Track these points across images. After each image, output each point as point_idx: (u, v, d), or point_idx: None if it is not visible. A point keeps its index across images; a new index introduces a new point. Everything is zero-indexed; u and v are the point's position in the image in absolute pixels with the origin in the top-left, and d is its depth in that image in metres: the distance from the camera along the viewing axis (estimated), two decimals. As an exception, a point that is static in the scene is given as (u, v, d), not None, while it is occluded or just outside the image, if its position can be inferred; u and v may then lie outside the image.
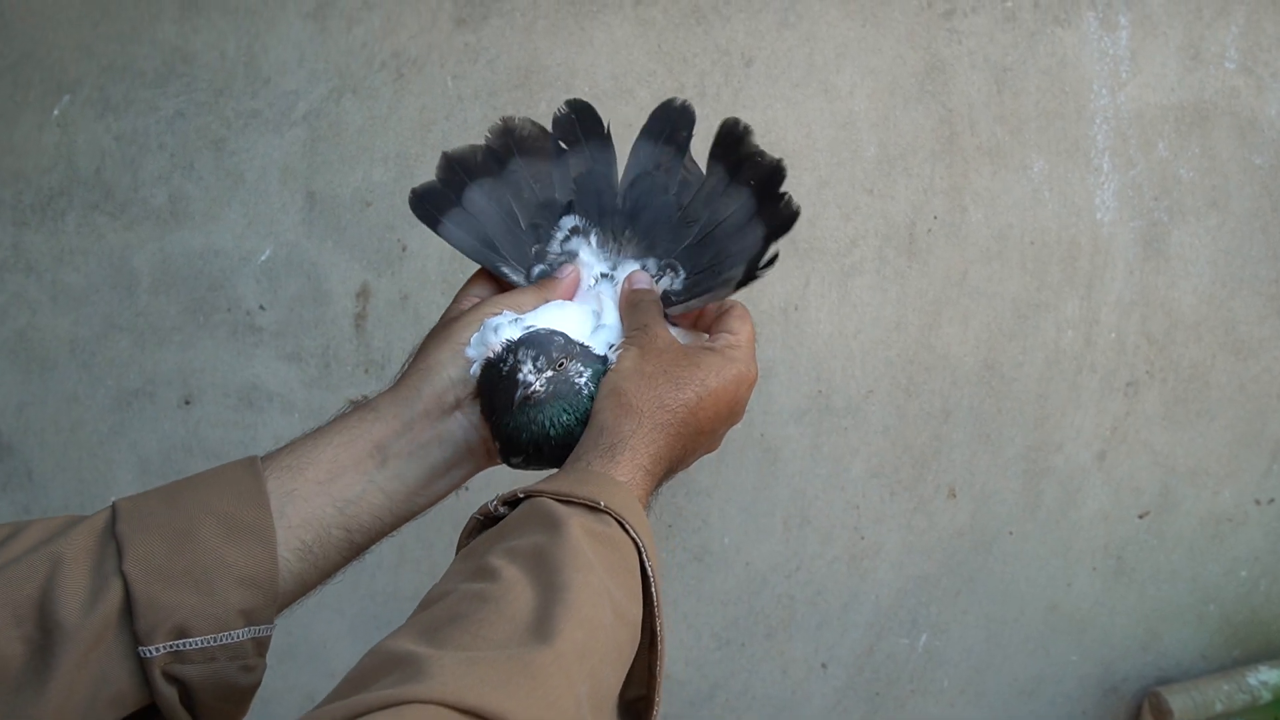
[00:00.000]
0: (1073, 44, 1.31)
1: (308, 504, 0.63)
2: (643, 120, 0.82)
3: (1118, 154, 1.34)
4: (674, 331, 0.73)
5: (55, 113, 1.27)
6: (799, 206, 0.74)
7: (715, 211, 0.77)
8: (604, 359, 0.70)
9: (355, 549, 0.66)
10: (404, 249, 1.30)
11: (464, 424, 0.69)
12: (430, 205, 0.78)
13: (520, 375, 0.66)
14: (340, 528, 0.65)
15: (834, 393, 1.36)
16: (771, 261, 0.73)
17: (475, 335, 0.70)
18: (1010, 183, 1.33)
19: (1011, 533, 1.43)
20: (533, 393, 0.66)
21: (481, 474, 0.73)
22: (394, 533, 0.70)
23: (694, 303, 0.75)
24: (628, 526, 0.59)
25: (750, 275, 0.72)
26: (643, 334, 0.70)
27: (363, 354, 1.33)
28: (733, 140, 0.77)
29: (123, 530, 0.58)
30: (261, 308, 1.31)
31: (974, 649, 1.47)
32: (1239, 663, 1.49)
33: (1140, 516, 1.45)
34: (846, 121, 1.31)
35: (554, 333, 0.69)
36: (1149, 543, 1.46)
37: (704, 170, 0.79)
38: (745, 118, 0.79)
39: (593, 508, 0.58)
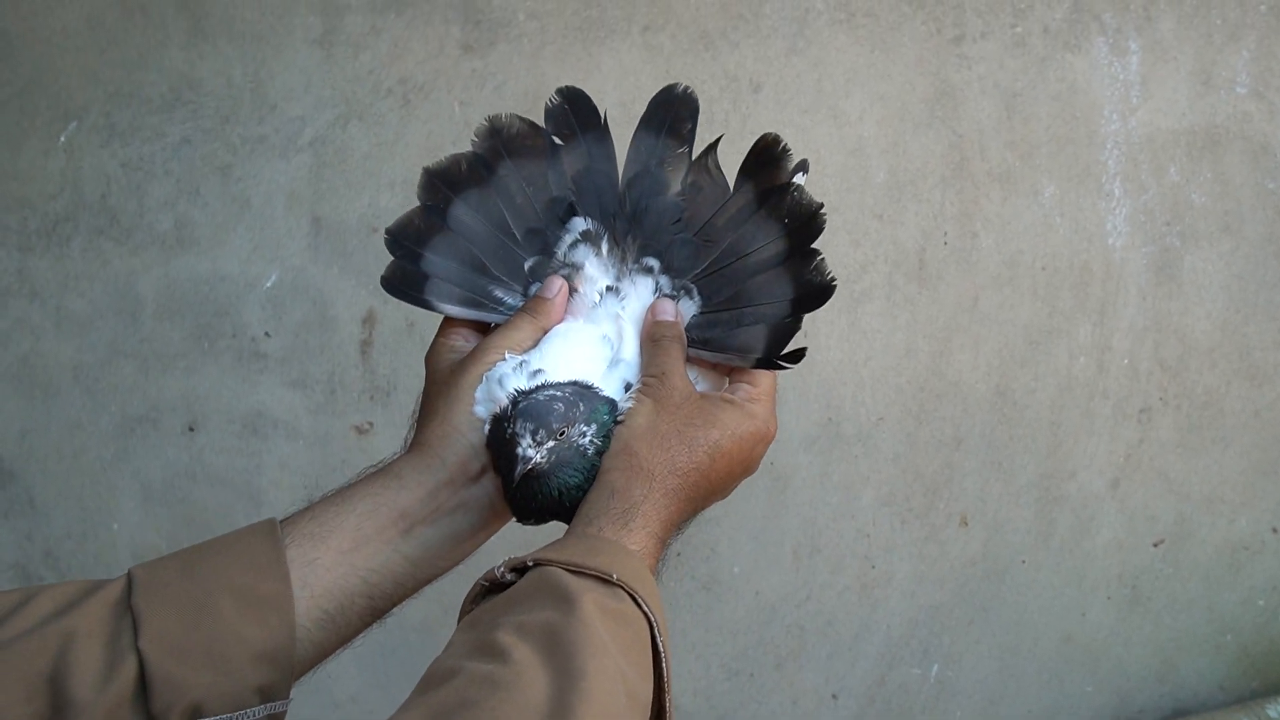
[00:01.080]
0: (1083, 69, 1.31)
1: (330, 574, 0.61)
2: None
3: (1129, 179, 1.33)
4: (691, 374, 0.69)
5: (61, 139, 1.26)
6: (834, 280, 0.68)
7: (741, 240, 0.70)
8: (613, 405, 0.66)
9: (377, 614, 0.65)
10: (410, 275, 1.29)
11: (489, 489, 0.67)
12: (405, 286, 0.72)
13: (519, 450, 0.62)
14: (363, 596, 0.63)
15: (844, 420, 1.35)
16: (797, 356, 0.67)
17: (480, 390, 0.66)
18: (1021, 208, 1.33)
19: (1024, 561, 1.41)
20: (534, 466, 0.63)
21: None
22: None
23: (707, 355, 0.70)
24: (640, 601, 0.56)
25: (770, 361, 0.67)
26: (660, 385, 0.67)
27: (368, 380, 1.32)
28: (769, 159, 0.71)
29: (138, 604, 0.56)
30: (267, 334, 1.30)
31: (987, 680, 1.45)
32: (1257, 694, 1.47)
33: (1155, 545, 1.43)
34: (856, 147, 1.30)
35: (554, 399, 0.64)
36: (1164, 571, 1.44)
37: (729, 183, 0.72)
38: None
39: (605, 580, 0.56)
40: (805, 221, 0.70)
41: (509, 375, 0.66)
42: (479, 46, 1.27)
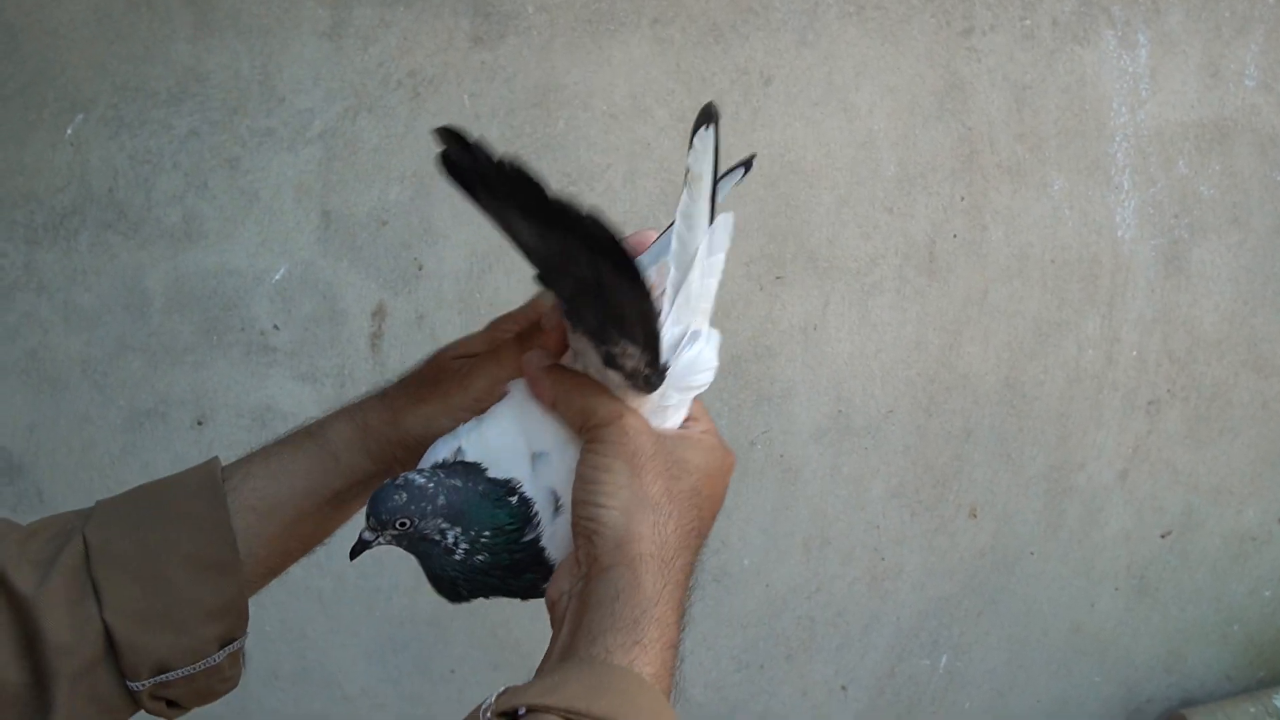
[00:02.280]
0: (1092, 62, 1.31)
1: (274, 543, 0.65)
2: (660, 140, 0.75)
3: (1138, 171, 1.33)
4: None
5: (69, 132, 1.25)
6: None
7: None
8: (522, 513, 0.57)
9: (311, 549, 0.69)
10: (420, 268, 1.29)
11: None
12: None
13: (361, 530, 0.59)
14: (301, 551, 0.67)
15: (854, 412, 1.35)
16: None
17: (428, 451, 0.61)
18: (1030, 201, 1.33)
19: (1033, 553, 1.42)
20: (360, 545, 0.58)
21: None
22: (408, 556, 0.69)
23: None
24: None
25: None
26: (621, 436, 0.56)
27: (378, 374, 1.31)
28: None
29: (98, 575, 0.60)
30: (275, 327, 1.30)
31: (996, 670, 1.46)
32: (1264, 684, 1.47)
33: (1163, 536, 1.44)
34: (866, 140, 1.30)
35: (428, 490, 0.57)
36: (1172, 562, 1.45)
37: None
38: (764, 137, 0.71)
39: None
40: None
41: (442, 444, 0.60)
42: (488, 39, 1.26)
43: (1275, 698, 1.42)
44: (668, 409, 0.59)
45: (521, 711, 0.48)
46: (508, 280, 1.29)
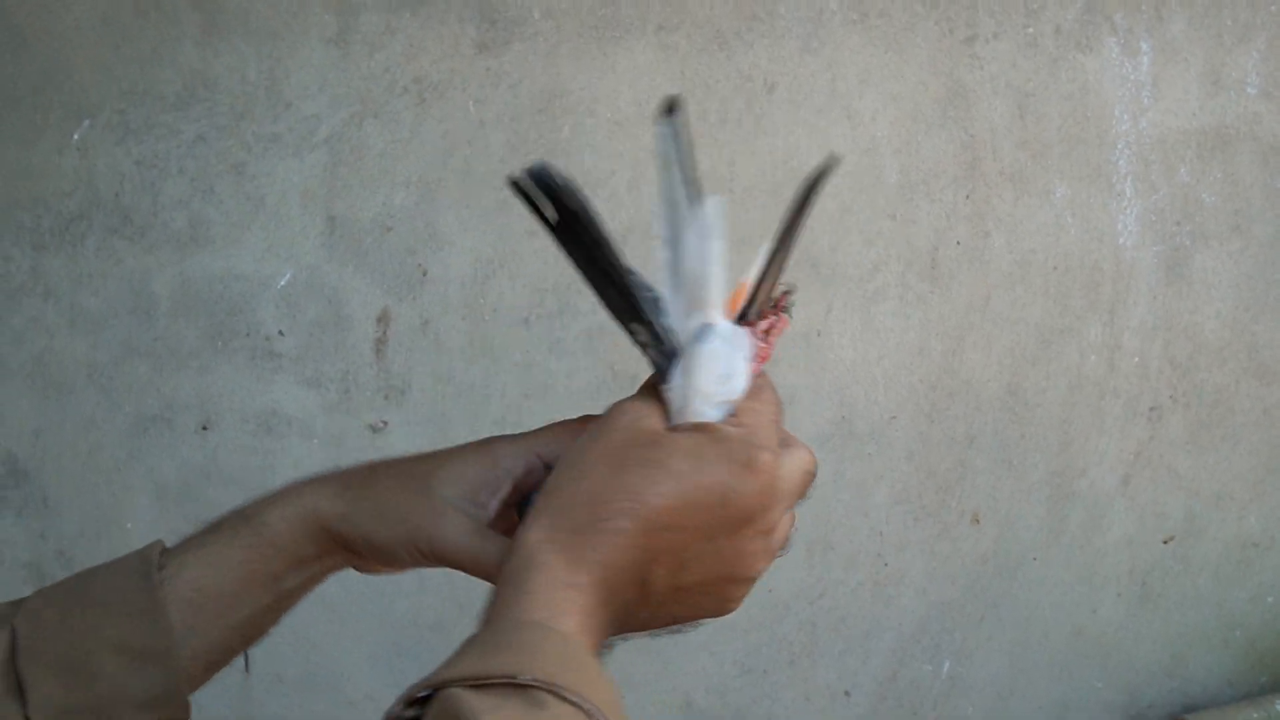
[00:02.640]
0: (1094, 70, 1.31)
1: (209, 635, 0.60)
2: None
3: (1140, 179, 1.34)
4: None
5: (75, 136, 1.26)
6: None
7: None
8: None
9: (251, 644, 0.64)
10: (424, 274, 1.30)
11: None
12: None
13: None
14: (241, 642, 0.62)
15: (857, 418, 1.35)
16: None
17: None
18: (1033, 208, 1.33)
19: (1035, 558, 1.42)
20: None
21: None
22: None
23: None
24: (567, 695, 0.44)
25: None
26: (604, 416, 0.53)
27: (383, 379, 1.32)
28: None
29: (23, 670, 0.56)
30: (281, 333, 1.30)
31: (998, 676, 1.46)
32: (1266, 689, 1.48)
33: (1165, 542, 1.44)
34: (869, 147, 1.31)
35: None
36: (1174, 568, 1.45)
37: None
38: (767, 144, 0.72)
39: (516, 685, 0.43)
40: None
41: None
42: (494, 45, 1.27)
43: (1278, 703, 1.42)
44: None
45: (424, 693, 0.45)
46: (512, 286, 1.30)
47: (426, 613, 1.36)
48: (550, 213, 0.52)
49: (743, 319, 0.56)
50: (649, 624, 0.52)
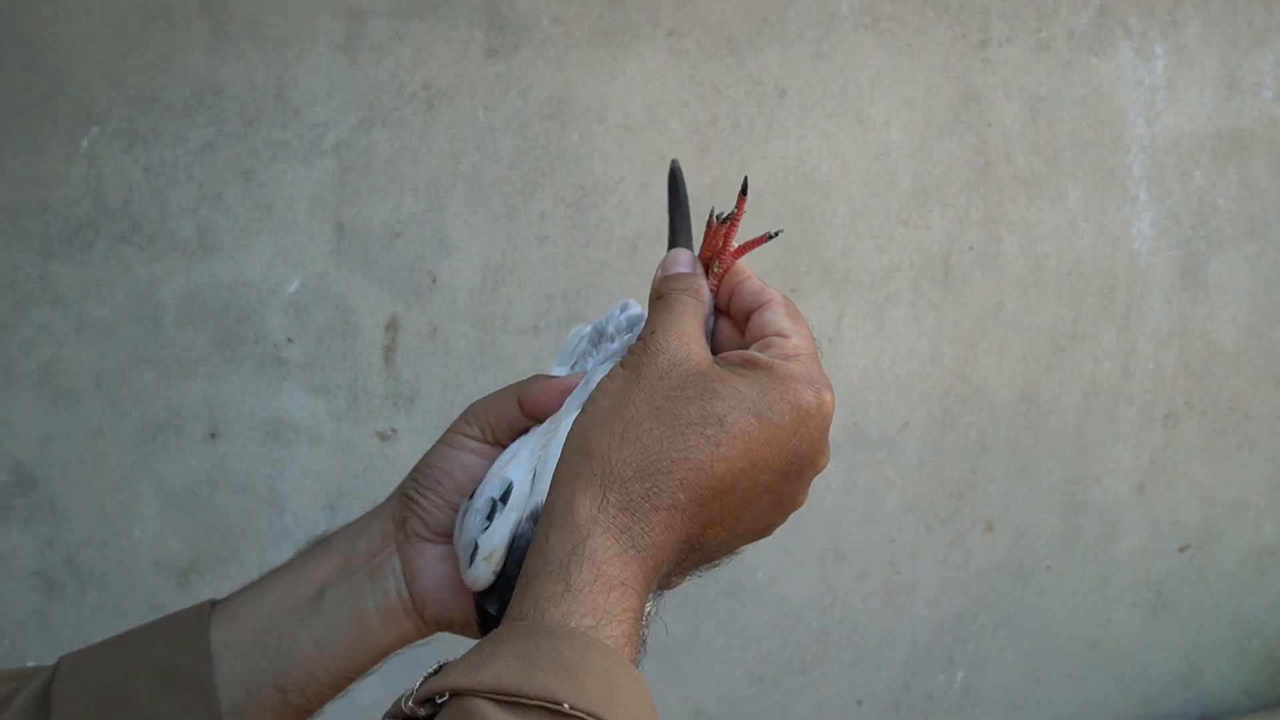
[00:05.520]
0: (1108, 73, 1.30)
1: (244, 657, 0.55)
2: (675, 151, 0.78)
3: (1154, 183, 1.33)
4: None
5: (83, 144, 1.26)
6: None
7: None
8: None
9: (291, 713, 0.57)
10: (434, 280, 1.29)
11: (396, 569, 0.58)
12: None
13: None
14: (273, 686, 0.55)
15: (869, 425, 1.34)
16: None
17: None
18: (1046, 213, 1.32)
19: (1049, 567, 1.41)
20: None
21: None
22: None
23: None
24: None
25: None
26: (641, 349, 0.47)
27: (391, 387, 1.31)
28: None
29: (55, 692, 0.53)
30: (289, 340, 1.30)
31: (1012, 686, 1.45)
32: (1283, 700, 1.46)
33: (1180, 550, 1.43)
34: (881, 152, 1.30)
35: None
36: (1190, 577, 1.44)
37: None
38: (779, 149, 0.75)
39: (553, 711, 0.39)
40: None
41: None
42: (503, 51, 1.26)
43: (1295, 714, 1.41)
44: None
45: (442, 698, 0.40)
46: (521, 293, 1.29)
47: (435, 622, 1.36)
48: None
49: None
50: (687, 574, 0.49)
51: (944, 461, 1.36)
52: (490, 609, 0.56)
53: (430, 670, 0.43)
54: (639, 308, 0.62)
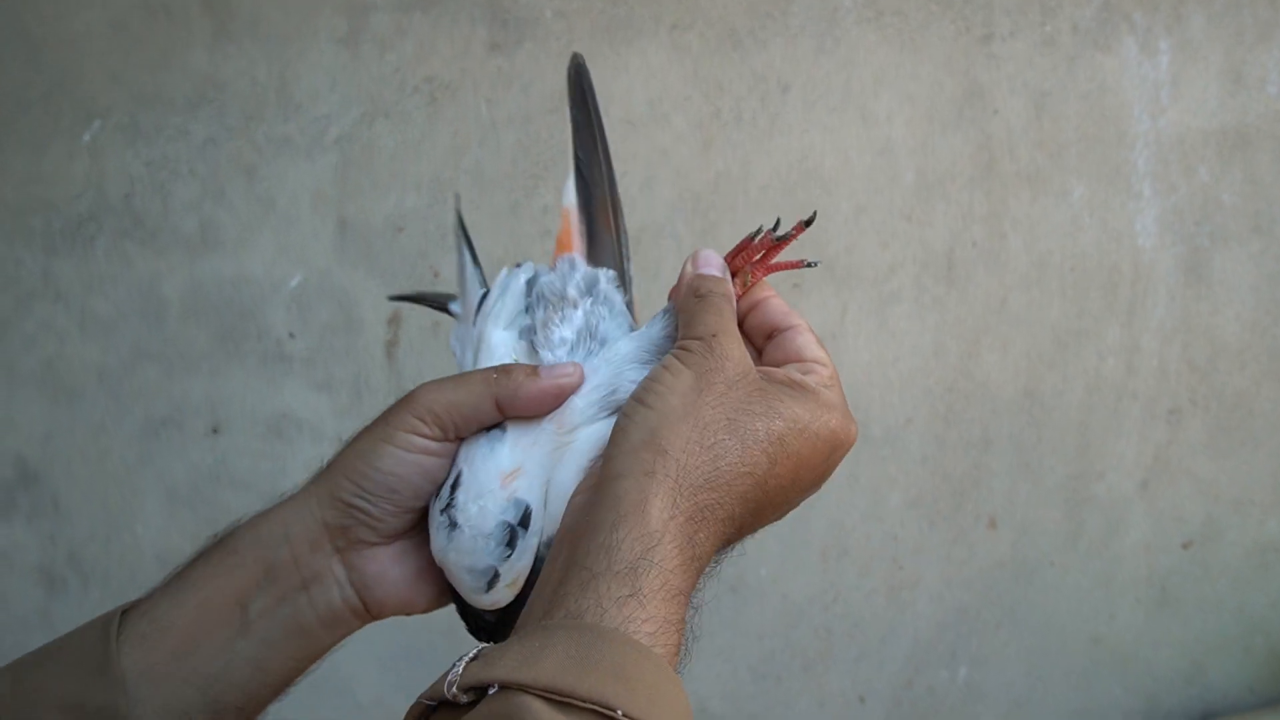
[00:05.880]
0: (1113, 69, 1.30)
1: (165, 685, 0.51)
2: (678, 147, 0.77)
3: (1159, 179, 1.32)
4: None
5: (86, 140, 1.26)
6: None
7: None
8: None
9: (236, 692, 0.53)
10: (436, 275, 1.29)
11: (339, 578, 0.55)
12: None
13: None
14: (205, 711, 0.52)
15: (872, 422, 1.34)
16: None
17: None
18: (1050, 208, 1.32)
19: (1053, 563, 1.40)
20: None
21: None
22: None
23: None
24: None
25: None
26: (707, 352, 0.48)
27: (394, 382, 1.31)
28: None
29: None
30: (291, 335, 1.30)
31: (1015, 682, 1.44)
32: (1286, 696, 1.46)
33: (1184, 546, 1.42)
34: (884, 148, 1.29)
35: None
36: (1193, 573, 1.43)
37: None
38: (782, 144, 0.74)
39: (604, 715, 0.38)
40: None
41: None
42: (505, 45, 1.26)
43: (1299, 711, 1.40)
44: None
45: (493, 690, 0.40)
46: (524, 288, 1.29)
47: (438, 617, 1.35)
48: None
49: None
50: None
51: (947, 458, 1.36)
52: (488, 616, 0.55)
53: (469, 655, 0.42)
54: (585, 265, 0.60)
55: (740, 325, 0.53)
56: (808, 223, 0.56)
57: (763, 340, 0.53)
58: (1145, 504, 1.40)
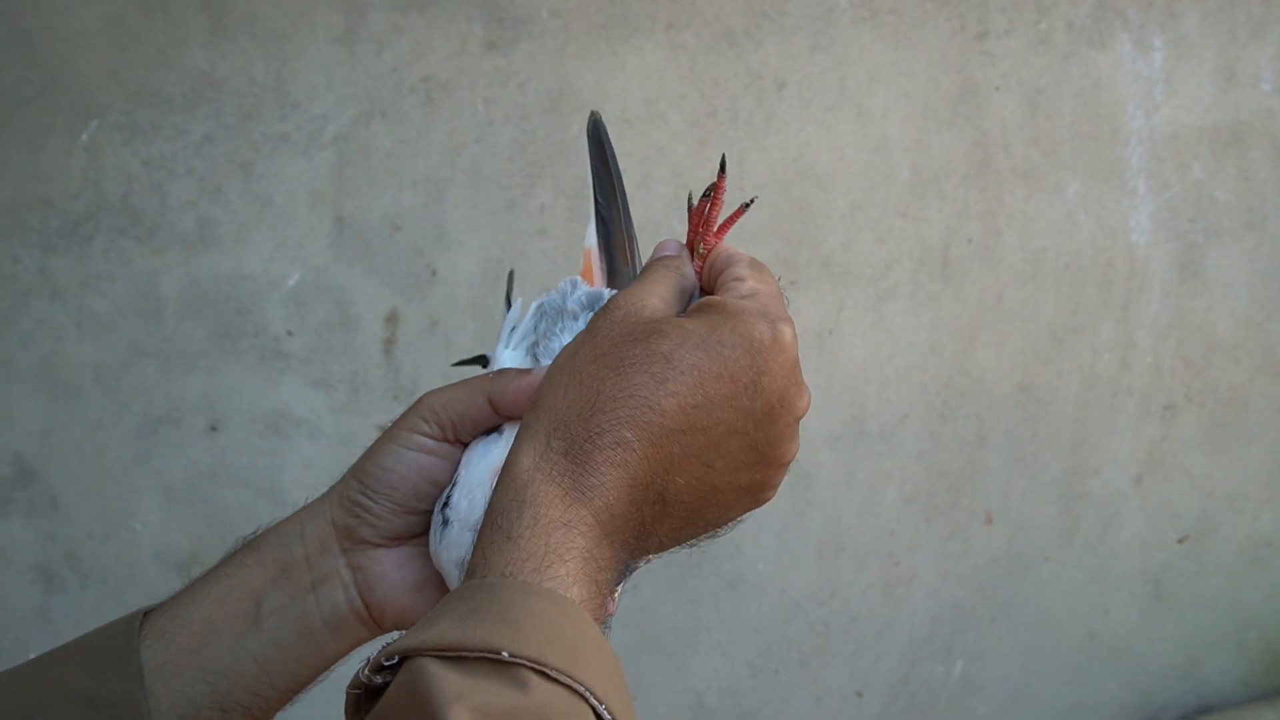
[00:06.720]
0: (1107, 66, 1.30)
1: (178, 679, 0.52)
2: (674, 145, 0.78)
3: (1153, 176, 1.33)
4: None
5: (83, 138, 1.26)
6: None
7: None
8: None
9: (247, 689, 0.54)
10: (433, 274, 1.29)
11: (345, 580, 0.56)
12: None
13: None
14: (214, 708, 0.52)
15: (868, 418, 1.34)
16: None
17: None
18: (1044, 205, 1.32)
19: (1048, 559, 1.41)
20: None
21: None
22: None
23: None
24: (555, 675, 0.38)
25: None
26: (600, 311, 0.49)
27: (391, 380, 1.31)
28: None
29: None
30: (289, 333, 1.30)
31: (1010, 677, 1.45)
32: (1280, 690, 1.47)
33: (1179, 542, 1.43)
34: (880, 145, 1.30)
35: None
36: (1188, 568, 1.44)
37: None
38: (778, 141, 0.75)
39: (496, 661, 0.38)
40: None
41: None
42: (502, 44, 1.26)
43: (1292, 704, 1.41)
44: None
45: (392, 661, 0.40)
46: (521, 286, 1.29)
47: (436, 614, 1.36)
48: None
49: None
50: (678, 538, 0.47)
51: (943, 453, 1.37)
52: None
53: (390, 640, 0.42)
54: (588, 285, 0.62)
55: (710, 292, 0.53)
56: (723, 169, 0.57)
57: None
58: (1140, 499, 1.41)
